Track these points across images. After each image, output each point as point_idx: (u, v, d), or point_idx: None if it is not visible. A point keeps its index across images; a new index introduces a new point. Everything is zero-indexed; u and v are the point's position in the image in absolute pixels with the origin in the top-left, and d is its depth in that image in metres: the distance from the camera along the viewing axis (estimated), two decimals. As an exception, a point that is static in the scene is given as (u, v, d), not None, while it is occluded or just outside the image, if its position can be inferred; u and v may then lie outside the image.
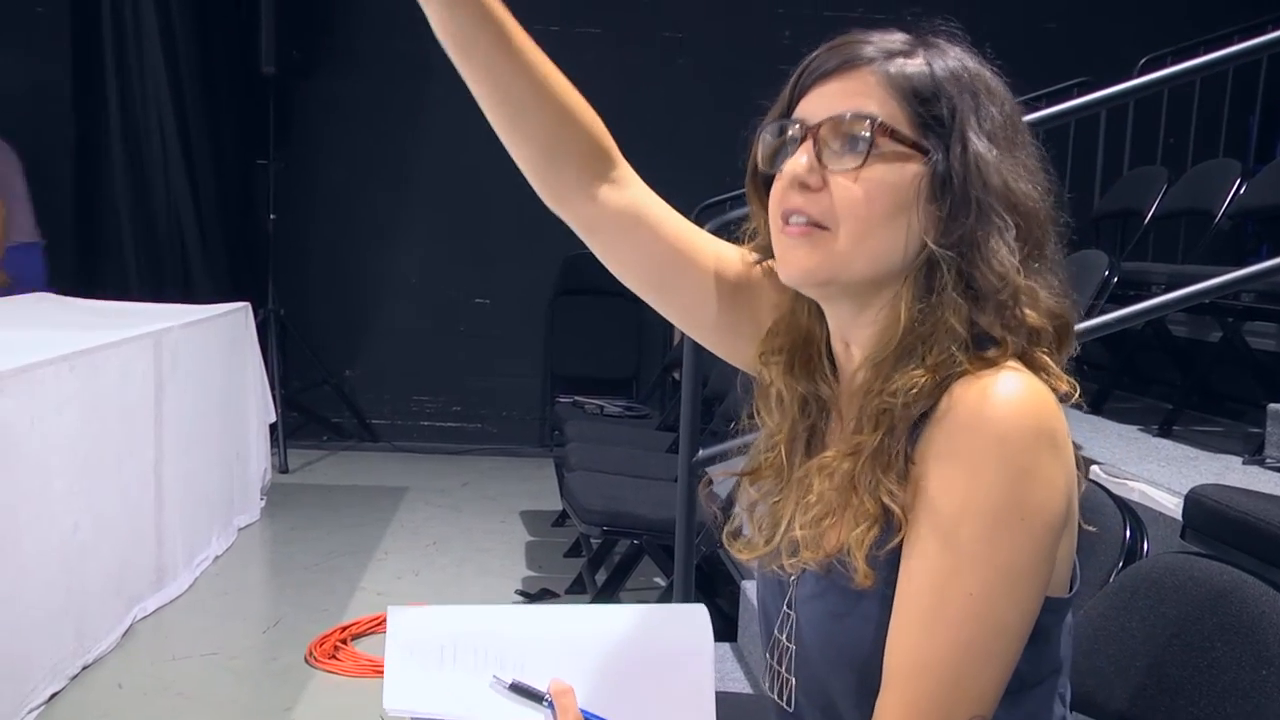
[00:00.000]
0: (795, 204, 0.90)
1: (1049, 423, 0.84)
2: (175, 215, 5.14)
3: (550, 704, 0.93)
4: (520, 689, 0.94)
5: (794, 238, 0.91)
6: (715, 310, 1.05)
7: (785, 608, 0.98)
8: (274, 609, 3.40)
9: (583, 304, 5.49)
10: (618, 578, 3.11)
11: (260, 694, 2.77)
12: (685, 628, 0.98)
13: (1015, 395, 0.84)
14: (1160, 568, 1.11)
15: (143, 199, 5.09)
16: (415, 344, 5.70)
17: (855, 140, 0.88)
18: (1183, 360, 3.40)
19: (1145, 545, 1.22)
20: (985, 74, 0.92)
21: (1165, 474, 2.37)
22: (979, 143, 0.88)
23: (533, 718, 0.94)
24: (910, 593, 0.86)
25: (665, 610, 1.01)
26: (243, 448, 4.13)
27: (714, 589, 2.99)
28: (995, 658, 0.84)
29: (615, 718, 0.94)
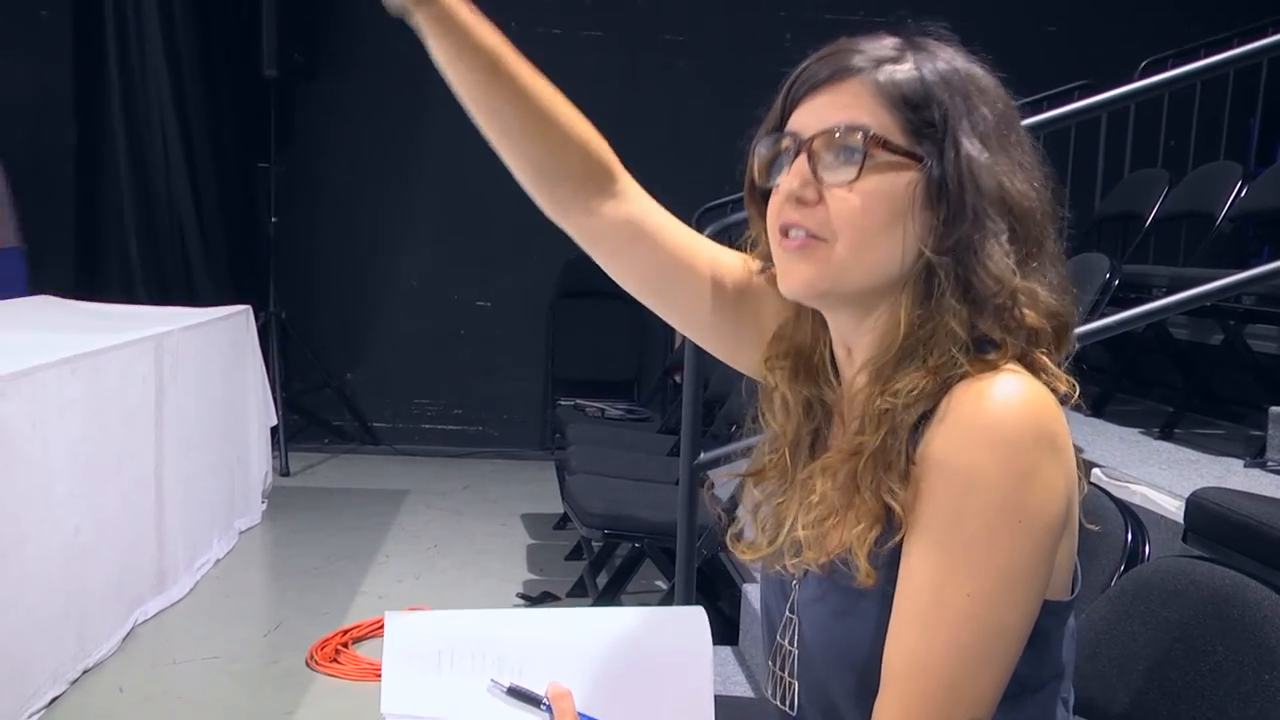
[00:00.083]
0: (792, 218, 0.91)
1: (1049, 425, 0.84)
2: (177, 218, 5.15)
3: (548, 707, 0.93)
4: (518, 692, 0.94)
5: (793, 251, 0.91)
6: (717, 316, 1.06)
7: (788, 612, 0.98)
8: (275, 612, 3.40)
9: (584, 307, 5.48)
10: (619, 581, 3.11)
11: (261, 698, 2.77)
12: (684, 631, 0.98)
13: (1015, 398, 0.84)
14: (1162, 571, 1.10)
15: (144, 202, 5.10)
16: (416, 347, 5.70)
17: (849, 152, 0.88)
18: (1184, 363, 3.40)
19: (1147, 549, 1.22)
20: (976, 73, 0.92)
21: (1167, 477, 2.37)
22: (971, 146, 0.88)
23: None
24: (909, 593, 0.86)
25: (664, 613, 1.01)
26: (244, 451, 4.13)
27: (715, 592, 2.99)
28: (994, 660, 0.84)
29: None
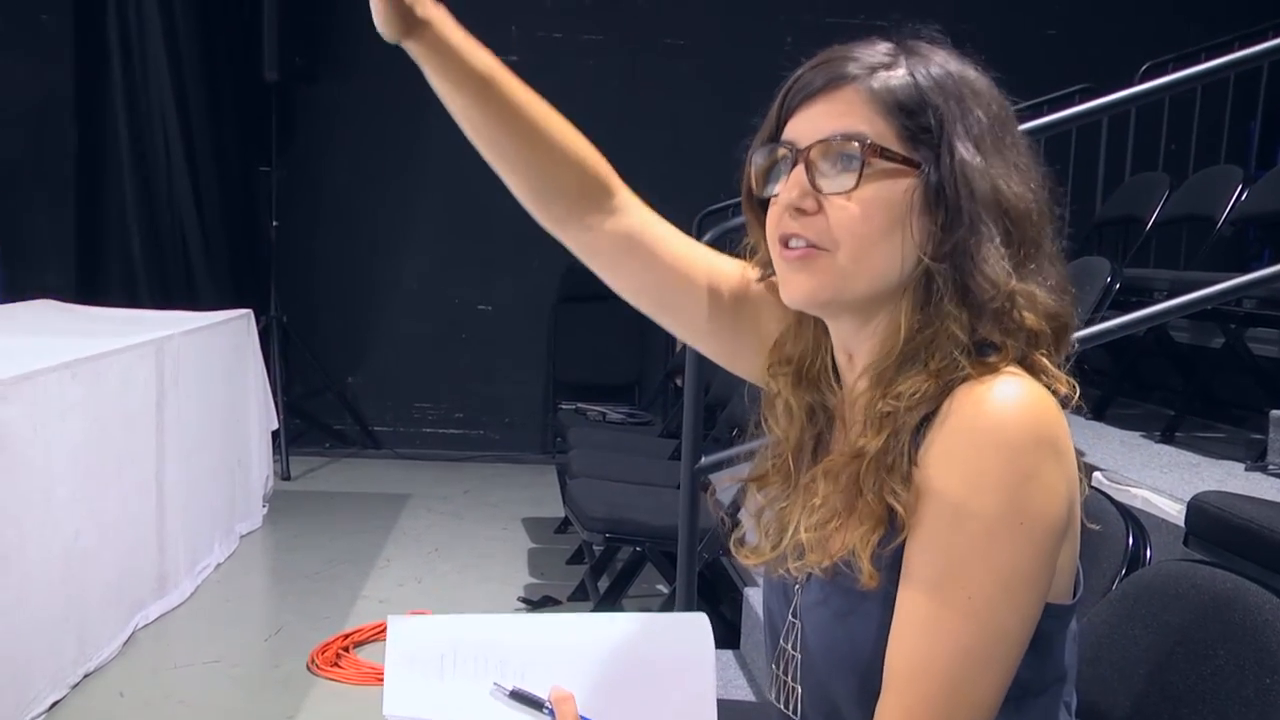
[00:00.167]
0: (793, 229, 0.91)
1: (1050, 429, 0.84)
2: (178, 221, 5.16)
3: (551, 711, 0.93)
4: (521, 696, 0.94)
5: (794, 261, 0.91)
6: (716, 324, 1.06)
7: (791, 616, 0.98)
8: (276, 616, 3.40)
9: (585, 310, 5.48)
10: (620, 585, 3.11)
11: (262, 702, 2.77)
12: (686, 636, 0.98)
13: (1016, 401, 0.84)
14: (1163, 575, 1.10)
15: (146, 205, 5.11)
16: (417, 350, 5.70)
17: (847, 161, 0.88)
18: (1185, 366, 3.40)
19: (1148, 552, 1.22)
20: (970, 75, 0.92)
21: (1167, 481, 2.37)
22: (965, 150, 0.88)
23: None
24: (910, 595, 0.86)
25: (666, 619, 1.01)
26: (245, 454, 4.13)
27: (717, 596, 2.99)
28: (995, 662, 0.84)
29: None
